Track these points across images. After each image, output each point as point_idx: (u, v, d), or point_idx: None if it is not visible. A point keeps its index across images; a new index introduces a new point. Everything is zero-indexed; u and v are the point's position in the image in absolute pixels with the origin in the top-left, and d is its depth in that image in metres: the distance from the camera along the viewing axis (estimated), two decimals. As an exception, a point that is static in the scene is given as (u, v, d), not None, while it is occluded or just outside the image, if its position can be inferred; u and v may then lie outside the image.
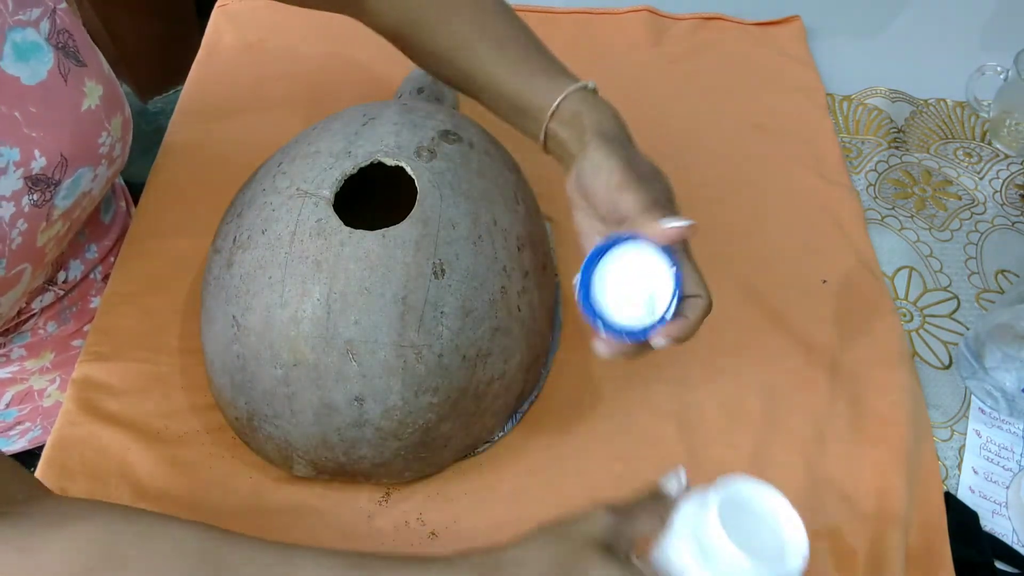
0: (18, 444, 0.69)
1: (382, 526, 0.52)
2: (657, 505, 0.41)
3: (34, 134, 0.49)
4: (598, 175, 0.45)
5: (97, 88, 0.53)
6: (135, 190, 0.75)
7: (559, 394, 0.58)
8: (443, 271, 0.46)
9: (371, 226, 0.47)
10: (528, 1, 0.88)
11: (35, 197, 0.50)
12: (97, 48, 0.54)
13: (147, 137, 1.82)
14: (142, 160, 0.72)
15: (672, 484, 0.42)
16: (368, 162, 0.49)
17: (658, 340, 0.42)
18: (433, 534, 0.52)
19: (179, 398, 0.57)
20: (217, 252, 0.52)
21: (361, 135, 0.51)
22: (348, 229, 0.46)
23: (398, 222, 0.47)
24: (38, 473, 0.53)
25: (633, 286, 0.44)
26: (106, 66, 0.55)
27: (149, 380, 0.57)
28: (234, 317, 0.48)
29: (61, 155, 0.51)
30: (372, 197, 0.54)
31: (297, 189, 0.48)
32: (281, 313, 0.46)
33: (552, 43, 0.84)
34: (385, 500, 0.53)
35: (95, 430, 0.54)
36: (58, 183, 0.51)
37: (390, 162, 0.49)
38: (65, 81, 0.51)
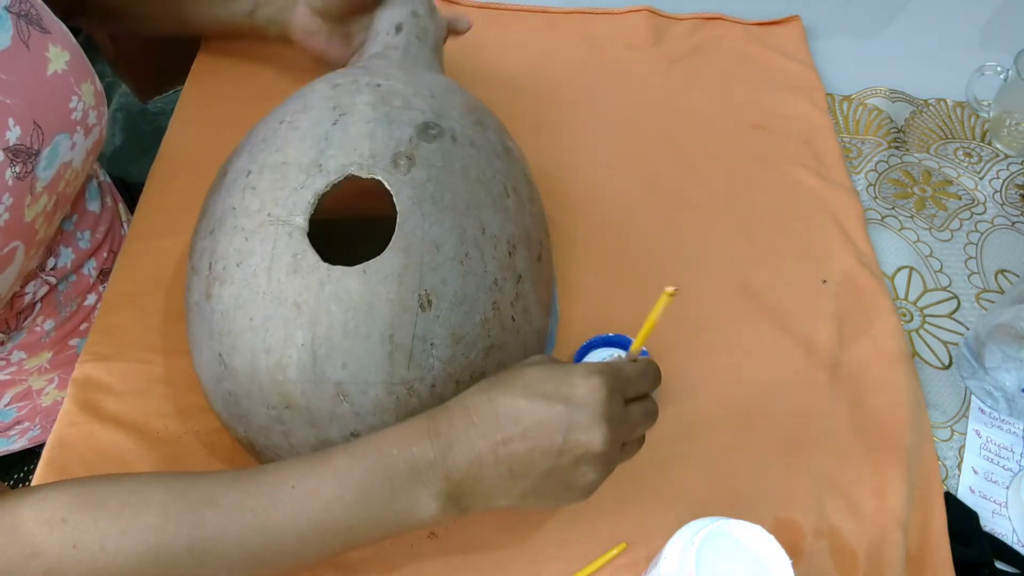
0: (18, 443, 0.68)
1: (382, 526, 0.52)
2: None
3: (8, 101, 0.49)
4: None
5: (63, 54, 0.53)
6: (135, 190, 0.75)
7: (559, 394, 0.58)
8: (430, 302, 0.44)
9: (350, 231, 0.45)
10: (528, 1, 0.88)
11: (17, 169, 0.50)
12: (59, 20, 0.54)
13: (147, 137, 1.82)
14: (142, 160, 0.72)
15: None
16: (341, 178, 0.45)
17: None
18: (433, 534, 0.52)
19: (179, 398, 0.57)
20: (195, 272, 0.49)
21: (332, 140, 0.46)
22: (326, 266, 0.43)
23: (379, 223, 0.44)
24: (38, 472, 0.53)
25: None
26: (71, 37, 0.55)
27: (149, 380, 0.57)
28: (220, 355, 0.46)
29: (34, 122, 0.51)
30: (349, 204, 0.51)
31: (268, 215, 0.45)
32: (266, 359, 0.44)
33: (552, 43, 0.85)
34: (385, 500, 0.53)
35: (95, 430, 0.54)
36: (37, 153, 0.51)
37: (365, 175, 0.45)
38: (28, 47, 0.51)
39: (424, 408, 0.44)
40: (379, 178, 0.45)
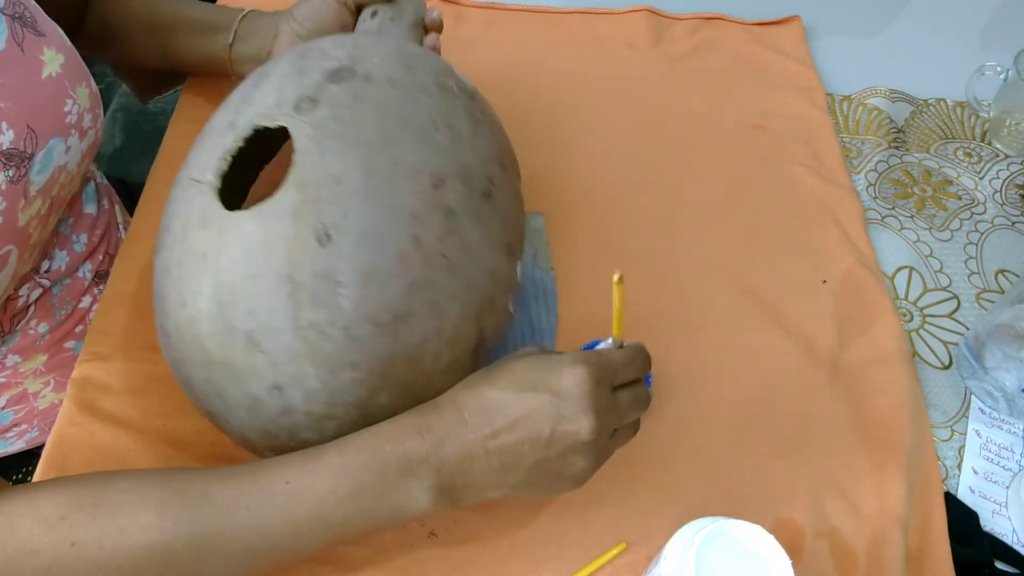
0: (16, 445, 0.68)
1: (382, 526, 0.52)
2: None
3: (1, 104, 0.49)
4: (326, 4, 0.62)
5: (57, 57, 0.53)
6: (135, 190, 0.75)
7: (559, 394, 0.59)
8: (329, 236, 0.42)
9: None
10: (528, 1, 0.88)
11: (10, 173, 0.50)
12: (53, 23, 0.54)
13: (147, 137, 1.82)
14: (142, 160, 0.72)
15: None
16: (250, 131, 0.45)
17: None
18: (433, 534, 0.52)
19: (178, 398, 0.56)
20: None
21: (248, 99, 0.46)
22: (227, 213, 0.43)
23: None
24: (38, 472, 0.53)
25: None
26: (66, 39, 0.55)
27: (149, 380, 0.57)
28: (161, 325, 0.46)
29: (28, 126, 0.50)
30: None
31: (191, 179, 0.46)
32: (183, 314, 0.44)
33: (552, 43, 0.85)
34: (385, 500, 0.53)
35: (95, 430, 0.54)
36: (31, 156, 0.51)
37: (272, 124, 0.44)
38: (22, 50, 0.50)
39: (345, 354, 0.43)
40: (282, 123, 0.44)
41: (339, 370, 0.43)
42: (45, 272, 0.63)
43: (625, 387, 0.45)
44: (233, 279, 0.42)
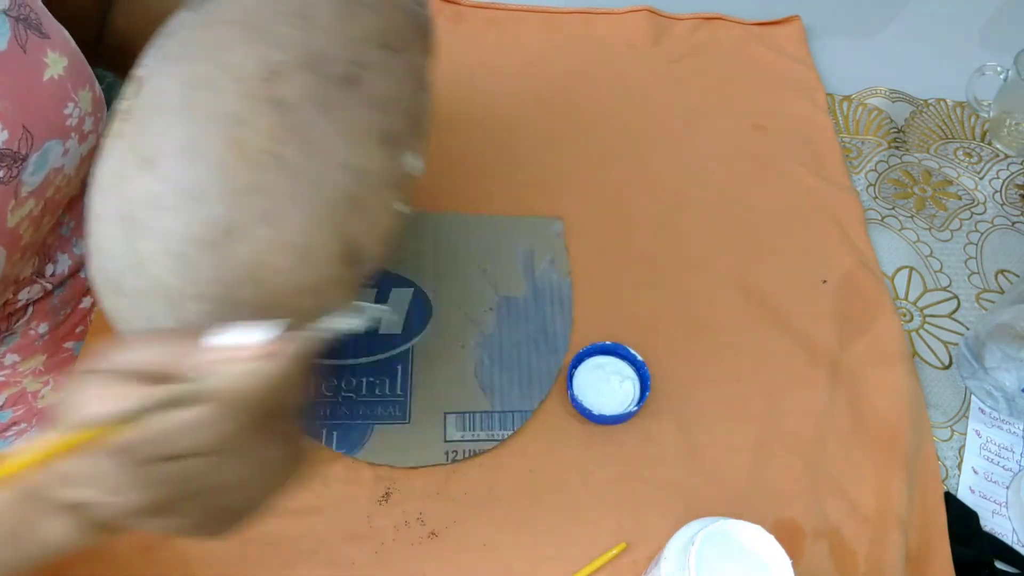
0: (15, 445, 0.68)
1: (382, 526, 0.52)
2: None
3: None
4: None
5: (61, 60, 0.53)
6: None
7: (561, 396, 0.59)
8: (152, 161, 0.40)
9: None
10: (528, 1, 0.88)
11: (0, 173, 0.50)
12: (59, 25, 0.54)
13: (146, 137, 1.80)
14: (142, 160, 0.71)
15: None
16: (136, 94, 0.44)
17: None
18: (433, 534, 0.52)
19: (178, 398, 0.56)
20: None
21: None
22: (101, 166, 0.43)
23: None
24: (37, 473, 0.53)
25: (609, 386, 0.58)
26: (71, 42, 0.55)
27: (148, 380, 0.57)
28: None
29: (24, 127, 0.50)
30: None
31: None
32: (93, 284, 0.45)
33: (552, 43, 0.85)
34: (385, 500, 0.53)
35: (94, 430, 0.54)
36: (25, 158, 0.51)
37: (137, 73, 0.44)
38: (24, 51, 0.50)
39: (185, 285, 0.40)
40: (141, 69, 0.43)
41: (181, 301, 0.40)
42: (50, 276, 0.63)
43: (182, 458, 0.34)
44: (94, 231, 0.42)
